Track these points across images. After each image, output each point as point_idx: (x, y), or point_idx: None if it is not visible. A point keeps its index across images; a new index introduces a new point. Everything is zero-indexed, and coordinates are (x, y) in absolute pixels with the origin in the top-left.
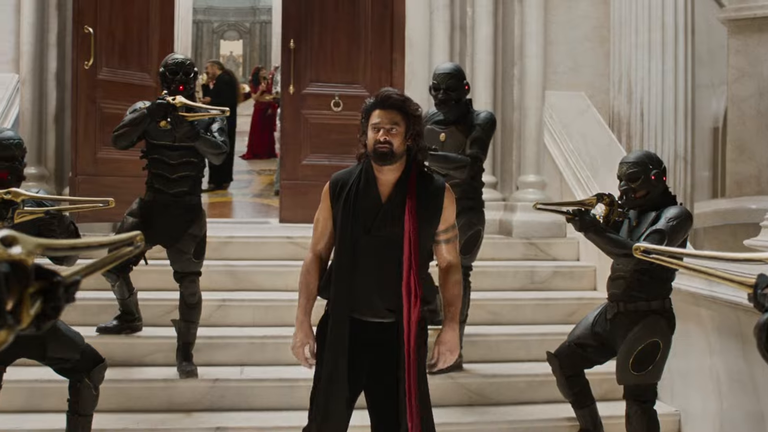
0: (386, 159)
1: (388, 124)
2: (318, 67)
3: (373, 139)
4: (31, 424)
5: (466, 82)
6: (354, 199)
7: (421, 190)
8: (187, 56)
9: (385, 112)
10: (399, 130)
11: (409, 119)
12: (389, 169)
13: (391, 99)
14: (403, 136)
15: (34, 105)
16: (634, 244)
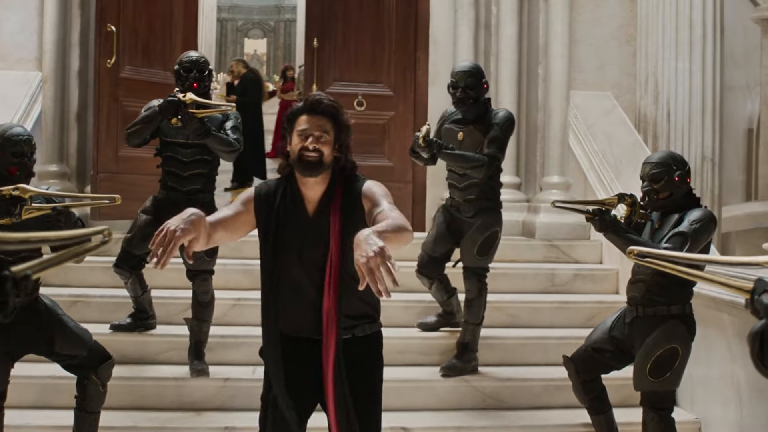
0: (314, 168)
1: (318, 131)
2: (341, 66)
3: (299, 147)
4: (42, 420)
5: (485, 80)
6: (280, 217)
7: (346, 202)
8: (201, 54)
9: (314, 118)
10: (328, 139)
11: (339, 128)
12: (315, 182)
13: (323, 104)
14: (331, 146)
15: (56, 103)
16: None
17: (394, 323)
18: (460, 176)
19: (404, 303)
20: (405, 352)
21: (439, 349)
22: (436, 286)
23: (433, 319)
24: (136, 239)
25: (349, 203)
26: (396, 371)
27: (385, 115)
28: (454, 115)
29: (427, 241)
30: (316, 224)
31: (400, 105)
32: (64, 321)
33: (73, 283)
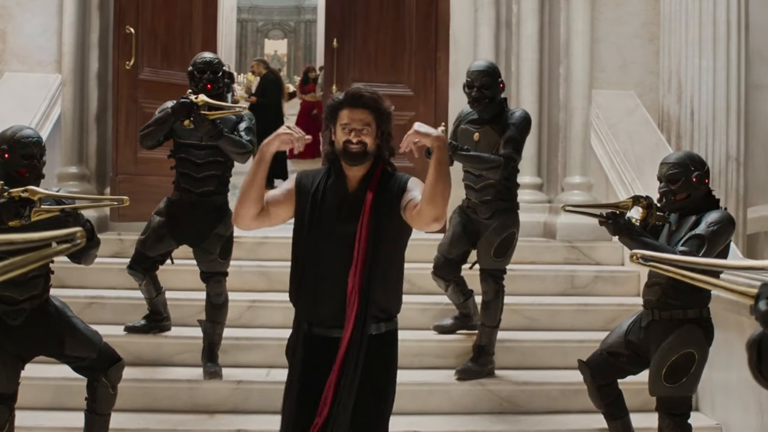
0: (359, 159)
1: (360, 124)
2: (361, 66)
3: (344, 139)
4: (55, 422)
5: (500, 80)
6: (322, 196)
7: (383, 184)
8: (216, 55)
9: (355, 112)
10: (371, 130)
11: (381, 118)
12: (358, 167)
13: (363, 98)
14: (374, 135)
15: (75, 105)
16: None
17: (410, 325)
18: (476, 177)
19: (421, 305)
20: (420, 354)
21: (455, 351)
22: (453, 288)
23: (449, 321)
24: (149, 241)
25: (386, 187)
26: (411, 374)
27: (405, 115)
28: (470, 116)
29: (443, 242)
30: (353, 199)
31: (421, 105)
32: (73, 323)
33: (89, 285)
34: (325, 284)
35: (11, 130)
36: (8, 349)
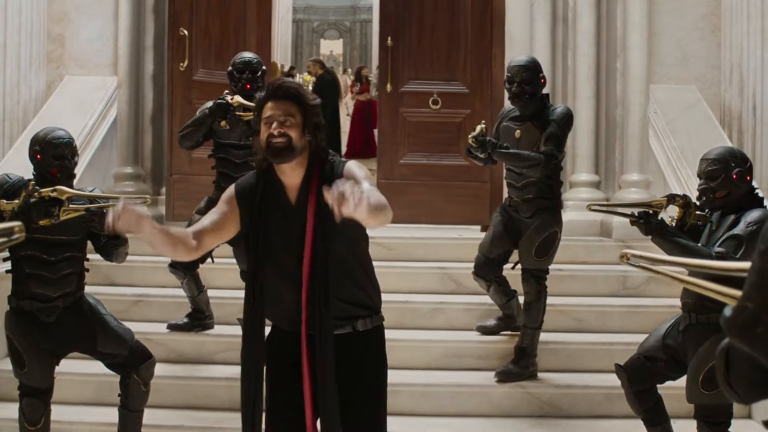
0: (284, 154)
1: (282, 115)
2: (416, 64)
3: (266, 134)
4: (95, 417)
5: (542, 75)
6: (260, 212)
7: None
8: (256, 55)
9: (277, 104)
10: (294, 122)
11: (305, 110)
12: (291, 169)
13: (283, 88)
14: (300, 129)
15: (130, 106)
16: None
17: (453, 326)
18: (517, 175)
19: (465, 305)
20: (462, 356)
21: (497, 353)
22: (494, 288)
23: (492, 322)
24: None
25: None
26: (451, 375)
27: (460, 113)
28: (511, 112)
29: (484, 241)
30: (297, 211)
31: (476, 103)
32: (106, 320)
33: (137, 283)
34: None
35: (44, 132)
36: (42, 345)
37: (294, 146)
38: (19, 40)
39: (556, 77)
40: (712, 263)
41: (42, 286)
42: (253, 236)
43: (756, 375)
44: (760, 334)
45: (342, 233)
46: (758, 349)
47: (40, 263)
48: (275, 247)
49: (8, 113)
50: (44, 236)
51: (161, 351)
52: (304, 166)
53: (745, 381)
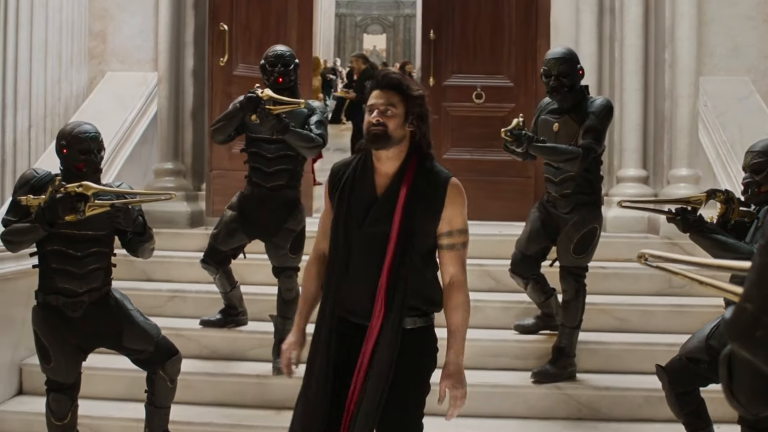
0: (380, 142)
1: (383, 105)
2: (459, 57)
3: (367, 122)
4: (128, 413)
5: (579, 66)
6: (349, 190)
7: (419, 181)
8: (288, 48)
9: (381, 93)
10: (395, 112)
11: (407, 100)
12: (387, 157)
13: (388, 78)
14: (401, 119)
15: (170, 102)
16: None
17: (490, 324)
18: (555, 170)
19: (503, 303)
20: (499, 355)
21: (535, 353)
22: (532, 286)
23: (531, 321)
24: (221, 235)
25: (422, 183)
26: (486, 375)
27: (505, 107)
28: (550, 105)
29: (521, 238)
30: (384, 198)
31: (521, 96)
32: (132, 316)
33: (173, 278)
34: (355, 278)
35: (70, 126)
36: (69, 340)
37: (390, 135)
38: (60, 37)
39: (603, 69)
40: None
41: (68, 281)
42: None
43: (758, 384)
44: (760, 338)
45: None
46: (758, 355)
47: (66, 258)
48: (355, 225)
49: (49, 109)
50: (70, 231)
51: (194, 347)
52: (401, 156)
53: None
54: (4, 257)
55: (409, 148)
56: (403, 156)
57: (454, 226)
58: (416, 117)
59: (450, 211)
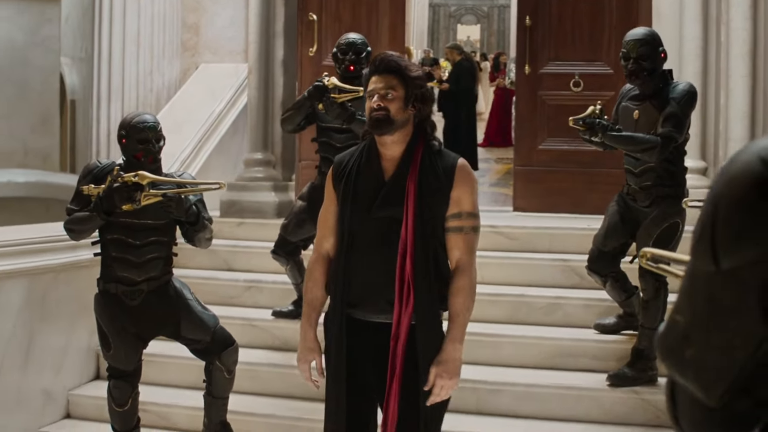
0: (382, 126)
1: (383, 89)
2: (557, 44)
3: (368, 108)
4: (194, 401)
5: (662, 49)
6: (355, 177)
7: (427, 163)
8: (361, 36)
9: (379, 77)
10: (396, 95)
11: (407, 82)
12: (392, 141)
13: (385, 61)
14: (402, 102)
15: (260, 92)
16: None
17: (569, 323)
18: (635, 160)
19: (585, 300)
20: (576, 355)
21: (616, 354)
22: (611, 284)
23: (612, 320)
24: (291, 225)
25: (430, 166)
26: (561, 376)
27: (604, 95)
28: (631, 92)
29: (598, 233)
30: (392, 182)
31: (621, 84)
32: (190, 305)
33: (253, 268)
34: (367, 270)
35: (130, 116)
36: (128, 328)
37: (392, 119)
38: (152, 29)
39: (709, 54)
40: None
41: (127, 270)
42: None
43: (696, 413)
44: (690, 358)
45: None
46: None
47: (125, 247)
48: (364, 213)
49: (141, 101)
50: (130, 220)
51: (266, 338)
52: (406, 139)
53: (688, 418)
54: (79, 245)
55: (414, 132)
56: (408, 139)
57: (462, 207)
58: (417, 99)
59: (458, 192)
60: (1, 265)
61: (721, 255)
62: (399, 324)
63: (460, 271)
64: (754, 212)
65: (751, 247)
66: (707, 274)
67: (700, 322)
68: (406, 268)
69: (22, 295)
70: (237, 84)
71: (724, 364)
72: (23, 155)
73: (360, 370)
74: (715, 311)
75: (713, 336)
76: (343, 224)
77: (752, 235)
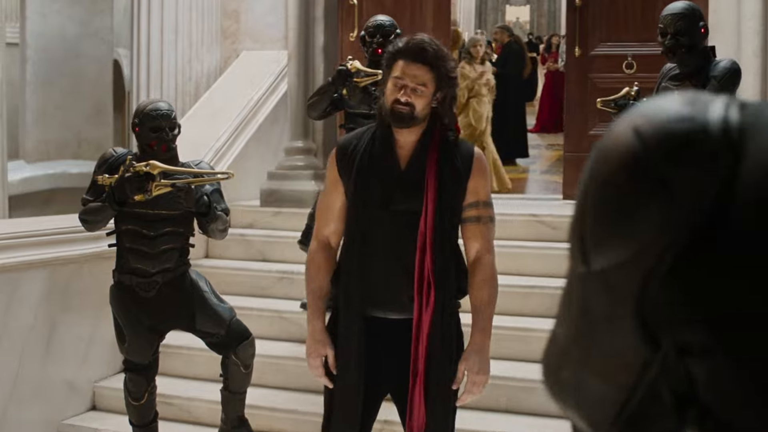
0: (404, 122)
1: (413, 82)
2: (608, 24)
3: (392, 97)
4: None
5: (702, 24)
6: (368, 166)
7: (444, 153)
8: (390, 18)
9: (412, 65)
10: (425, 92)
11: (440, 80)
12: (408, 131)
13: (425, 52)
14: (429, 99)
15: (299, 79)
16: None
17: None
18: None
19: None
20: None
21: None
22: None
23: None
24: None
25: (448, 156)
26: None
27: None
28: (672, 71)
29: None
30: (410, 175)
31: None
32: (205, 297)
33: (288, 259)
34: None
35: (144, 104)
36: (143, 321)
37: (416, 116)
38: (191, 17)
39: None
40: None
41: (141, 261)
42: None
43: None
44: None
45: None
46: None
47: (139, 238)
48: (377, 204)
49: (180, 90)
50: (144, 210)
51: (294, 330)
52: (422, 127)
53: None
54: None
55: (429, 119)
56: (425, 126)
57: (480, 197)
58: (443, 98)
59: (475, 181)
60: (20, 256)
61: (591, 253)
62: (420, 322)
63: (482, 263)
64: (622, 199)
65: (619, 245)
66: (579, 276)
67: (576, 337)
68: (426, 263)
69: (43, 286)
70: (277, 71)
71: (607, 392)
72: (77, 146)
73: (374, 368)
74: (589, 324)
75: (591, 355)
76: (356, 218)
77: (619, 230)
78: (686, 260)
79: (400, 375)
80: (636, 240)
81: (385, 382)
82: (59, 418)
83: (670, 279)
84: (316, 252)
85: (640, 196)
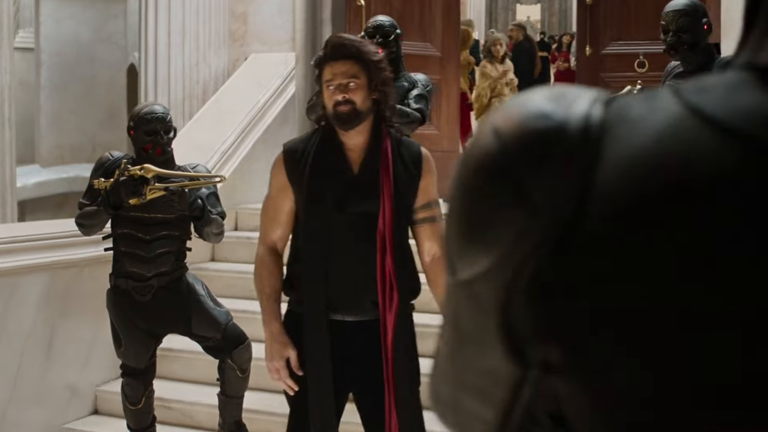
0: (352, 122)
1: (344, 78)
2: (620, 23)
3: (332, 101)
4: None
5: (705, 20)
6: (317, 173)
7: (396, 154)
8: (390, 18)
9: (338, 65)
10: (359, 83)
11: (369, 68)
12: (357, 131)
13: (344, 47)
14: (366, 90)
15: (306, 81)
16: None
17: None
18: None
19: None
20: None
21: None
22: None
23: None
24: None
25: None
26: None
27: None
28: (676, 69)
29: None
30: (363, 176)
31: None
32: (201, 301)
33: None
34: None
35: (140, 107)
36: (139, 325)
37: (360, 111)
38: (198, 19)
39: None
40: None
41: (136, 265)
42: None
43: None
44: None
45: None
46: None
47: (135, 241)
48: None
49: (187, 92)
50: (139, 214)
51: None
52: (368, 127)
53: None
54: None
55: (374, 116)
56: (370, 125)
57: (431, 197)
58: (380, 83)
59: (426, 181)
60: (19, 260)
61: (456, 262)
62: (386, 323)
63: (441, 264)
64: (480, 205)
65: (480, 253)
66: (449, 286)
67: (450, 352)
68: (387, 264)
69: (42, 289)
70: (285, 73)
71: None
72: (91, 150)
73: (337, 371)
74: (461, 338)
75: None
76: (311, 224)
77: (477, 238)
78: (541, 275)
79: (363, 377)
80: (494, 250)
81: (349, 384)
82: (61, 422)
83: (528, 293)
84: (265, 255)
85: (496, 203)
